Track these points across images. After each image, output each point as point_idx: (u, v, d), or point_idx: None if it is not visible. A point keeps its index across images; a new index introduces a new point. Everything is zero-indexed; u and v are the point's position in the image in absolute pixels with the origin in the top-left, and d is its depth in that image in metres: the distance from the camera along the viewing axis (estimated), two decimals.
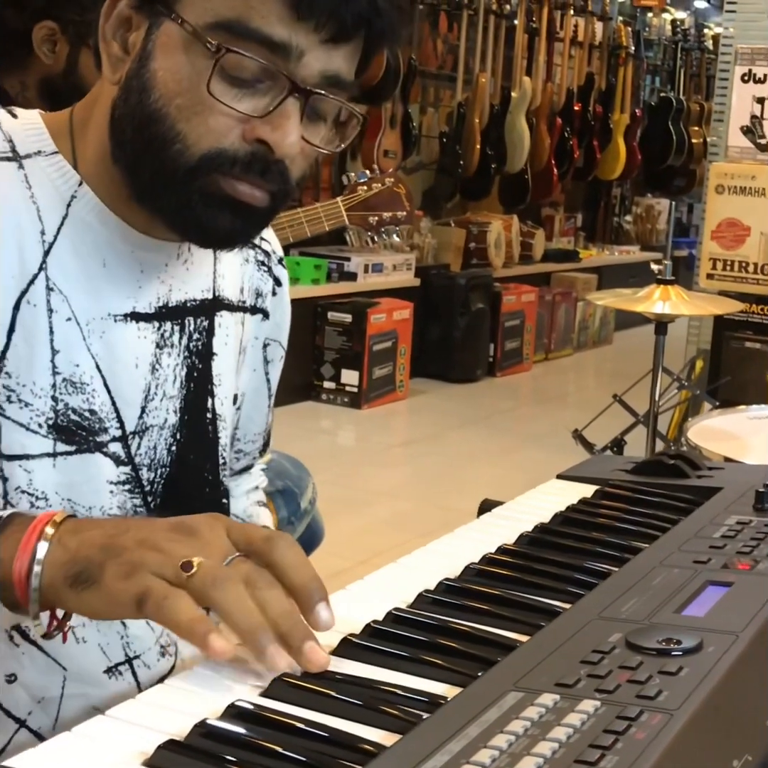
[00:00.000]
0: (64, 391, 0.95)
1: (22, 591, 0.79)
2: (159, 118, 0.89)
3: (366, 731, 0.67)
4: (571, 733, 0.62)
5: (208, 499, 1.07)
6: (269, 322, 1.15)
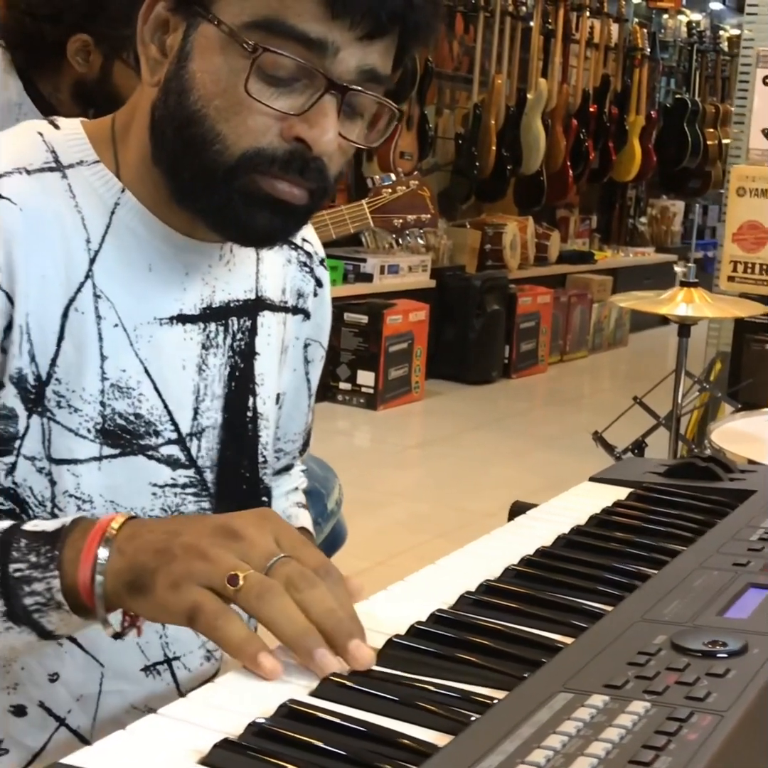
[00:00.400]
0: (111, 396, 0.96)
1: (89, 598, 0.81)
2: (198, 119, 0.90)
3: (416, 731, 0.67)
4: (623, 734, 0.63)
5: (247, 498, 1.08)
6: (310, 323, 1.16)
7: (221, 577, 0.75)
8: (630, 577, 0.92)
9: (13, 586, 0.82)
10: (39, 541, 0.83)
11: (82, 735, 1.00)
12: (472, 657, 0.77)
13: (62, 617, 0.82)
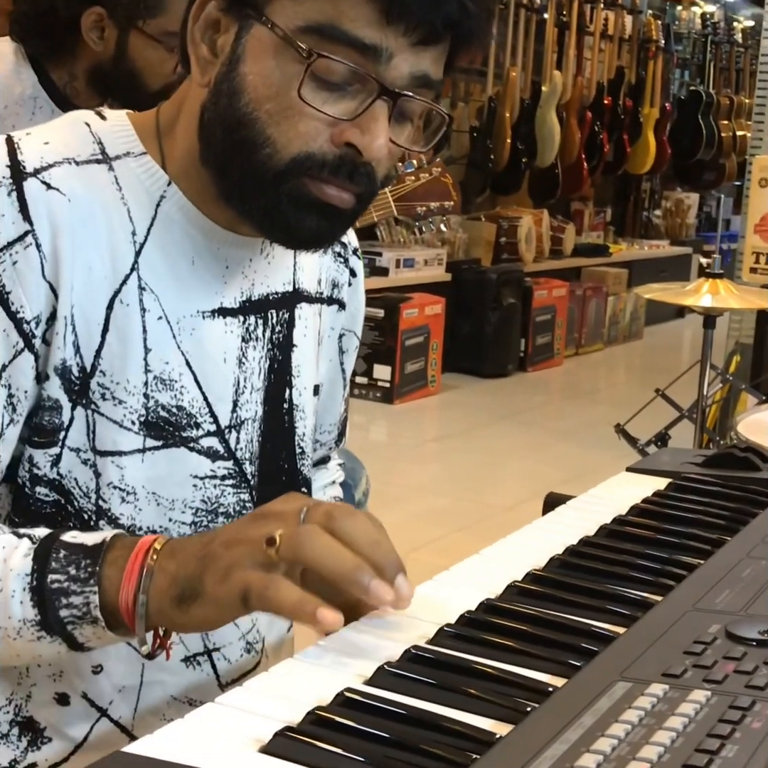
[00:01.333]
0: (154, 389, 0.96)
1: (129, 618, 0.82)
2: (249, 122, 0.89)
3: (473, 719, 0.67)
4: (686, 722, 0.63)
5: (287, 489, 1.07)
6: (345, 313, 1.16)
7: (260, 548, 0.77)
8: (676, 566, 0.91)
9: (50, 597, 0.82)
10: (79, 554, 0.83)
11: (123, 725, 1.00)
12: (524, 646, 0.77)
13: (95, 632, 0.83)
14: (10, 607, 0.83)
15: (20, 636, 0.84)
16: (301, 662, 0.74)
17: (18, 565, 0.84)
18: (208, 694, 1.01)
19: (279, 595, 0.75)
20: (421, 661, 0.74)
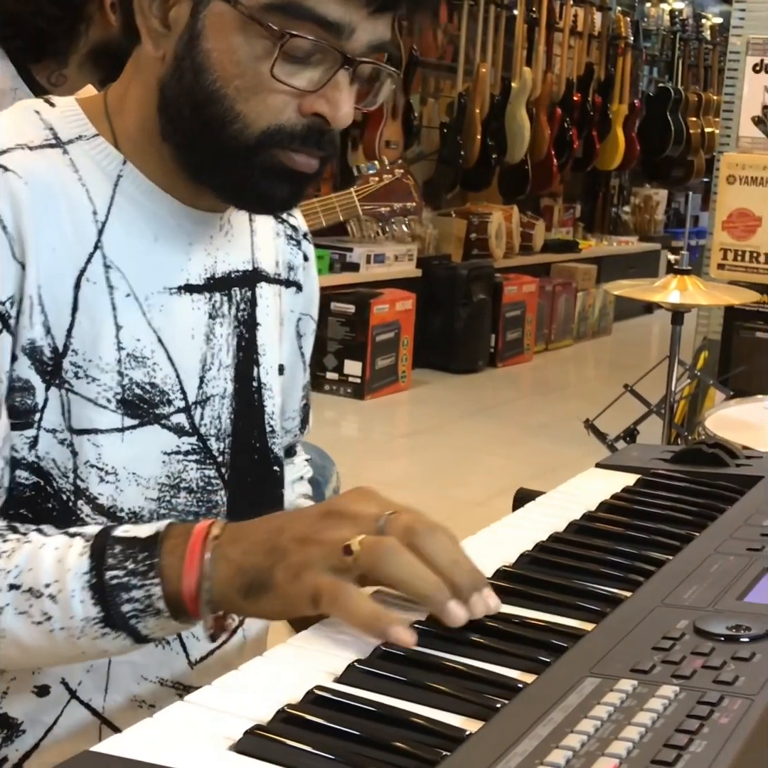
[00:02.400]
0: (128, 366, 0.97)
1: (193, 606, 0.82)
2: (217, 99, 0.91)
3: (444, 716, 0.67)
4: (655, 718, 0.63)
5: (259, 467, 1.08)
6: (302, 296, 1.17)
7: (337, 553, 0.78)
8: (645, 562, 0.92)
9: (111, 593, 0.82)
10: (134, 547, 0.83)
11: (94, 708, 0.99)
12: (494, 642, 0.77)
13: (159, 623, 0.83)
14: (72, 606, 0.83)
15: (84, 634, 0.84)
16: (271, 660, 0.74)
17: (75, 565, 0.83)
18: (179, 673, 1.02)
19: (350, 605, 0.76)
20: (391, 659, 0.74)
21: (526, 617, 0.81)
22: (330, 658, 0.74)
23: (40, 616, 0.83)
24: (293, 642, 0.77)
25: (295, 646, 0.77)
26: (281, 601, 0.79)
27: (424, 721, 0.66)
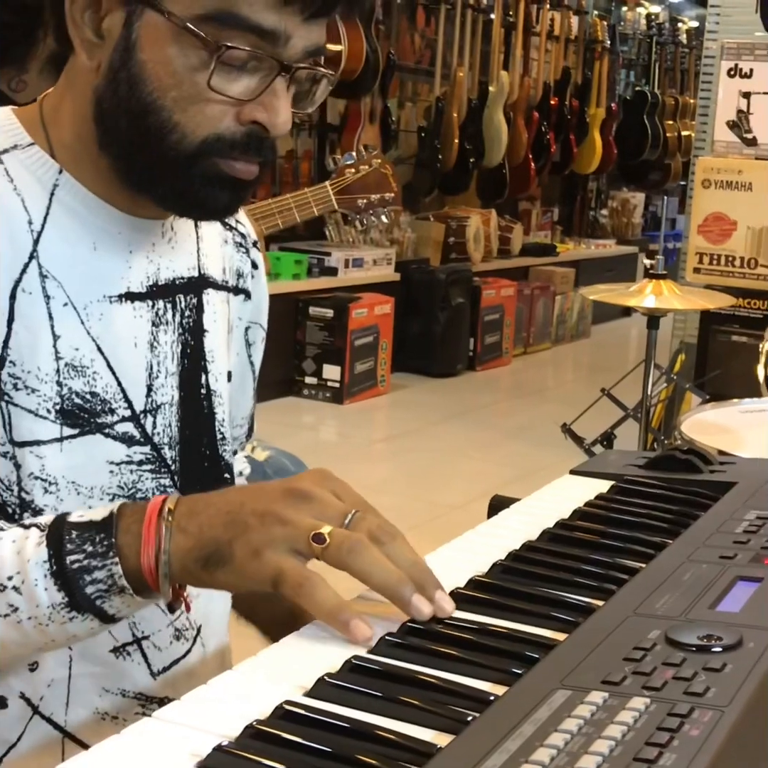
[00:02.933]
0: (67, 376, 0.96)
1: (153, 580, 0.83)
2: (154, 110, 0.90)
3: (414, 730, 0.67)
4: (625, 731, 0.63)
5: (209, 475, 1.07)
6: (251, 304, 1.16)
7: (304, 537, 0.79)
8: (618, 570, 0.92)
9: (73, 577, 0.83)
10: (91, 530, 0.84)
11: (56, 722, 0.98)
12: (466, 654, 0.76)
13: (124, 600, 0.84)
14: (37, 595, 0.83)
15: (52, 621, 0.84)
16: (239, 674, 0.73)
17: (34, 555, 0.84)
18: (141, 684, 1.02)
19: (315, 595, 0.77)
20: (362, 672, 0.73)
21: (499, 627, 0.81)
22: (300, 672, 0.73)
23: (6, 609, 0.84)
24: (263, 655, 0.76)
25: (265, 658, 0.76)
26: (238, 576, 0.80)
27: (395, 736, 0.65)
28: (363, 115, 6.10)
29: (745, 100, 2.99)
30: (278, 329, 5.60)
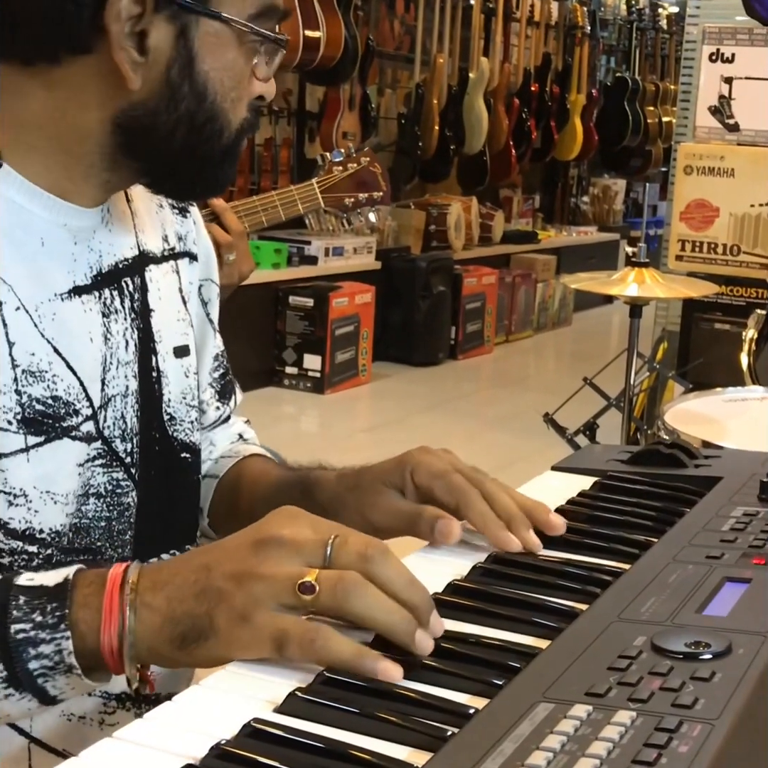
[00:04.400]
0: (25, 383, 0.91)
1: (114, 662, 0.75)
2: (216, 116, 0.93)
3: (390, 748, 0.64)
4: (610, 747, 0.60)
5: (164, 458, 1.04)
6: (197, 264, 1.13)
7: (290, 590, 0.72)
8: (602, 572, 0.89)
9: (16, 649, 0.74)
10: (42, 597, 0.76)
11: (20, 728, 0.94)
12: (443, 665, 0.73)
13: (70, 681, 0.76)
14: None
15: None
16: (206, 689, 0.70)
17: None
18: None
19: (330, 651, 0.70)
20: (334, 685, 0.70)
21: (479, 635, 0.78)
22: (270, 686, 0.70)
23: None
24: (231, 668, 0.73)
25: (233, 672, 0.72)
26: (227, 647, 0.72)
27: (370, 755, 0.62)
28: (342, 102, 6.04)
29: (726, 86, 2.96)
30: (258, 319, 5.58)
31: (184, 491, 1.08)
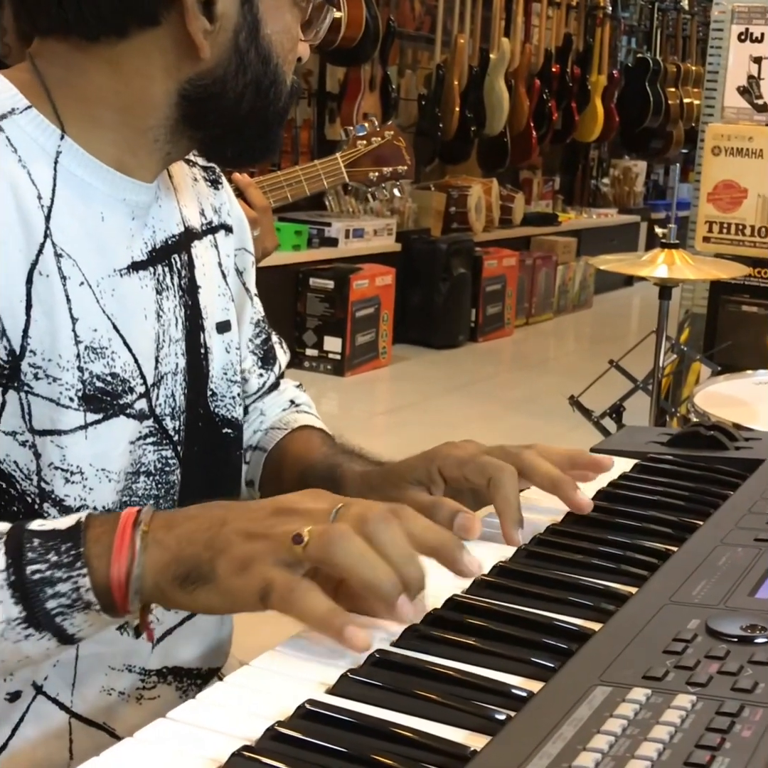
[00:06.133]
0: (87, 360, 0.91)
1: (121, 595, 0.76)
2: (280, 78, 0.95)
3: (446, 731, 0.63)
4: (672, 732, 0.59)
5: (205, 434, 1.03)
6: (233, 236, 1.13)
7: (286, 545, 0.72)
8: (649, 555, 0.88)
9: (33, 589, 0.75)
10: (56, 539, 0.76)
11: (62, 702, 0.95)
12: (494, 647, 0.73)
13: (88, 618, 0.76)
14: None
15: (5, 638, 0.76)
16: (258, 670, 0.70)
17: None
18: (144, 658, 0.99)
19: (305, 602, 0.71)
20: (385, 666, 0.70)
21: (528, 617, 0.77)
22: (321, 667, 0.70)
23: None
24: (281, 650, 0.72)
25: (284, 654, 0.72)
26: (222, 595, 0.74)
27: (425, 738, 0.62)
28: (363, 83, 6.01)
29: (755, 66, 2.93)
30: (278, 301, 5.56)
31: (226, 467, 1.08)
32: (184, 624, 1.03)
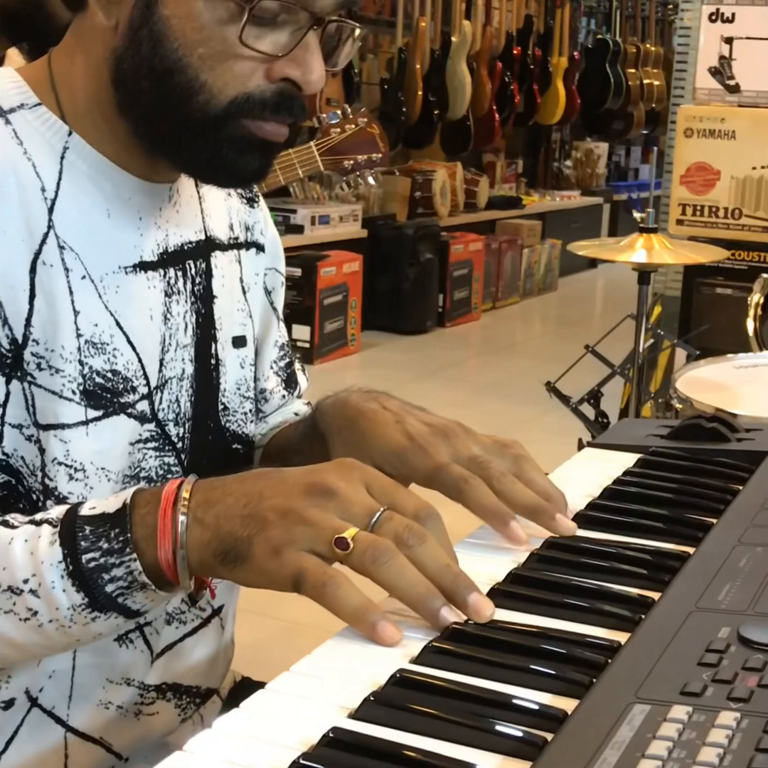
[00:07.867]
0: (87, 354, 0.90)
1: (172, 574, 0.78)
2: (179, 69, 0.85)
3: (480, 756, 0.60)
4: (721, 754, 0.56)
5: (215, 448, 1.03)
6: (264, 255, 1.11)
7: (327, 540, 0.74)
8: (666, 557, 0.85)
9: (91, 577, 0.78)
10: (105, 525, 0.78)
11: (57, 716, 0.93)
12: (520, 661, 0.70)
13: (147, 595, 0.79)
14: (55, 598, 0.78)
15: (74, 623, 0.79)
16: (276, 694, 0.66)
17: (47, 555, 0.78)
18: (142, 671, 0.98)
19: (339, 596, 0.72)
20: (409, 686, 0.66)
21: (549, 627, 0.74)
22: (344, 687, 0.66)
23: (26, 613, 0.79)
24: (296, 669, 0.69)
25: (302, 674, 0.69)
26: (257, 574, 0.76)
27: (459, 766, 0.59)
28: None
29: (727, 46, 2.91)
30: None
31: None
32: (185, 640, 1.01)
